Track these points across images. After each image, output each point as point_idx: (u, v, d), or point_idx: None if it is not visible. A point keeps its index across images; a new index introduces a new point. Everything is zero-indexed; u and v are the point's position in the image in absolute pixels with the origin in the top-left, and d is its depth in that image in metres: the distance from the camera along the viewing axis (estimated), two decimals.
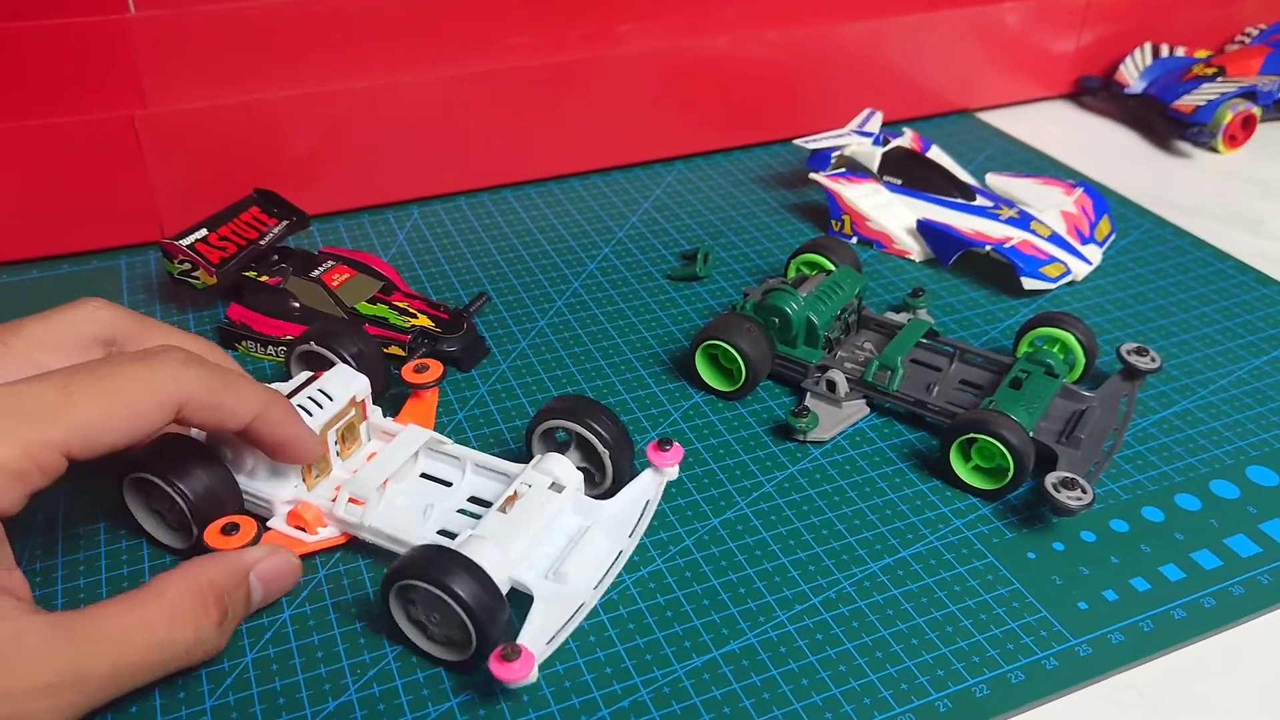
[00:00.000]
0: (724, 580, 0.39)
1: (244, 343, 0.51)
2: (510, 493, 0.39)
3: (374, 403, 0.43)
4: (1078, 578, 0.40)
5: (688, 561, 0.40)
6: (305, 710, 0.34)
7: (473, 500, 0.41)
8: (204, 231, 0.53)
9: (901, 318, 0.51)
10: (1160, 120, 0.74)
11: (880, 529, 0.42)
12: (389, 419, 0.43)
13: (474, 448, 0.43)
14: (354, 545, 0.40)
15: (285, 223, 0.55)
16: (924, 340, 0.50)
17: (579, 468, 0.41)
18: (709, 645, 0.37)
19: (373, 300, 0.51)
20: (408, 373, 0.45)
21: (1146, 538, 0.42)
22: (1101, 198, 0.61)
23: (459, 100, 0.63)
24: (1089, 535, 0.42)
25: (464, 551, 0.35)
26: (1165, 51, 0.78)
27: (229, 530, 0.37)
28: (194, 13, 0.57)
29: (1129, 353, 0.48)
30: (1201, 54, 0.78)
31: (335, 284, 0.51)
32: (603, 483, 0.42)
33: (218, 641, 0.33)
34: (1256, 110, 0.73)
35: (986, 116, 0.78)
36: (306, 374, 0.42)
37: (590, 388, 0.49)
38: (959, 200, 0.59)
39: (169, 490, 0.37)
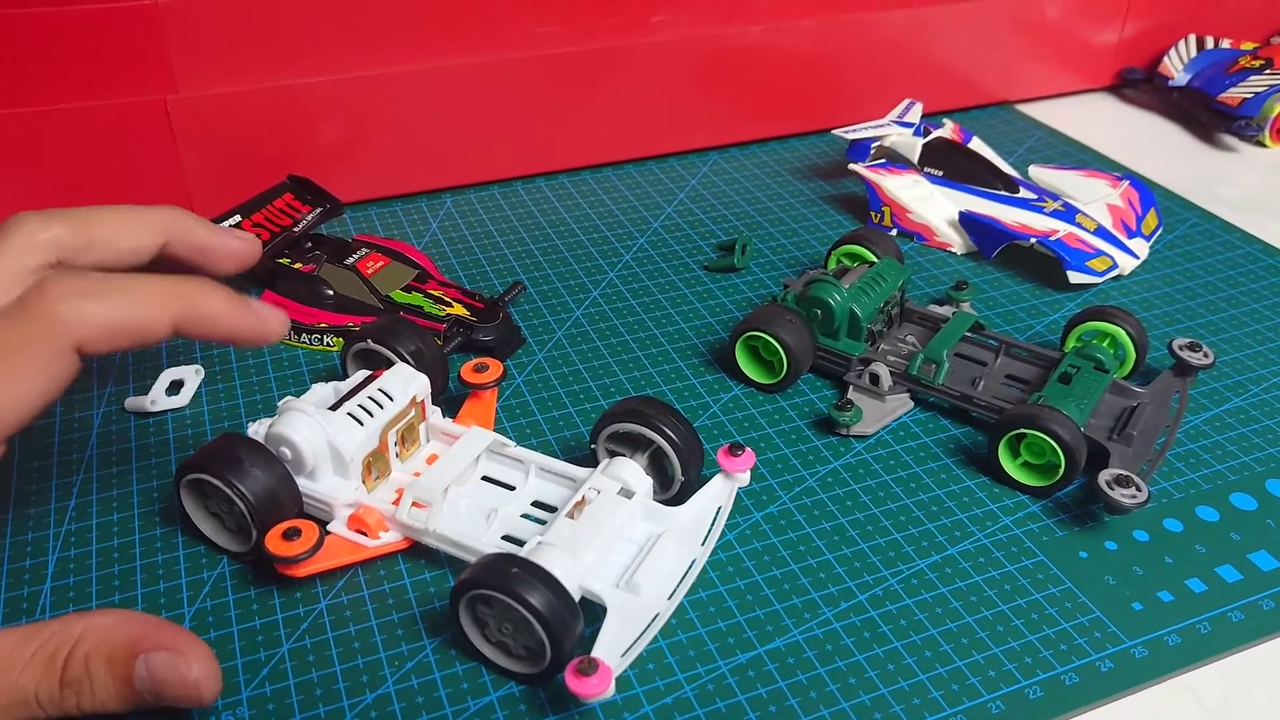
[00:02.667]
0: (767, 576, 0.38)
1: None
2: (578, 498, 0.38)
3: (432, 403, 0.42)
4: (1131, 578, 0.39)
5: (730, 556, 0.39)
6: (343, 702, 0.34)
7: (536, 505, 0.40)
8: (237, 218, 0.52)
9: (945, 310, 0.50)
10: (1206, 113, 0.73)
11: (927, 525, 0.41)
12: (448, 419, 0.43)
13: (512, 439, 0.43)
14: (411, 549, 0.39)
15: (319, 210, 0.54)
16: (969, 334, 0.49)
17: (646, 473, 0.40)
18: (753, 642, 0.36)
19: (407, 289, 0.51)
20: (466, 372, 0.44)
21: (1201, 538, 0.40)
22: (1149, 191, 0.60)
23: (492, 88, 0.62)
24: (1142, 535, 0.40)
25: (535, 559, 0.34)
26: (1210, 43, 0.77)
27: (290, 535, 0.36)
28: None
29: (1181, 348, 0.47)
30: (1248, 46, 0.77)
31: (370, 272, 0.51)
32: (672, 488, 0.40)
33: (59, 704, 0.30)
34: None
35: (1027, 109, 0.77)
36: (364, 373, 0.41)
37: (628, 379, 0.48)
38: (1002, 192, 0.58)
39: (229, 492, 0.36)
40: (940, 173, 0.60)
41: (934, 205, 0.59)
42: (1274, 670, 0.36)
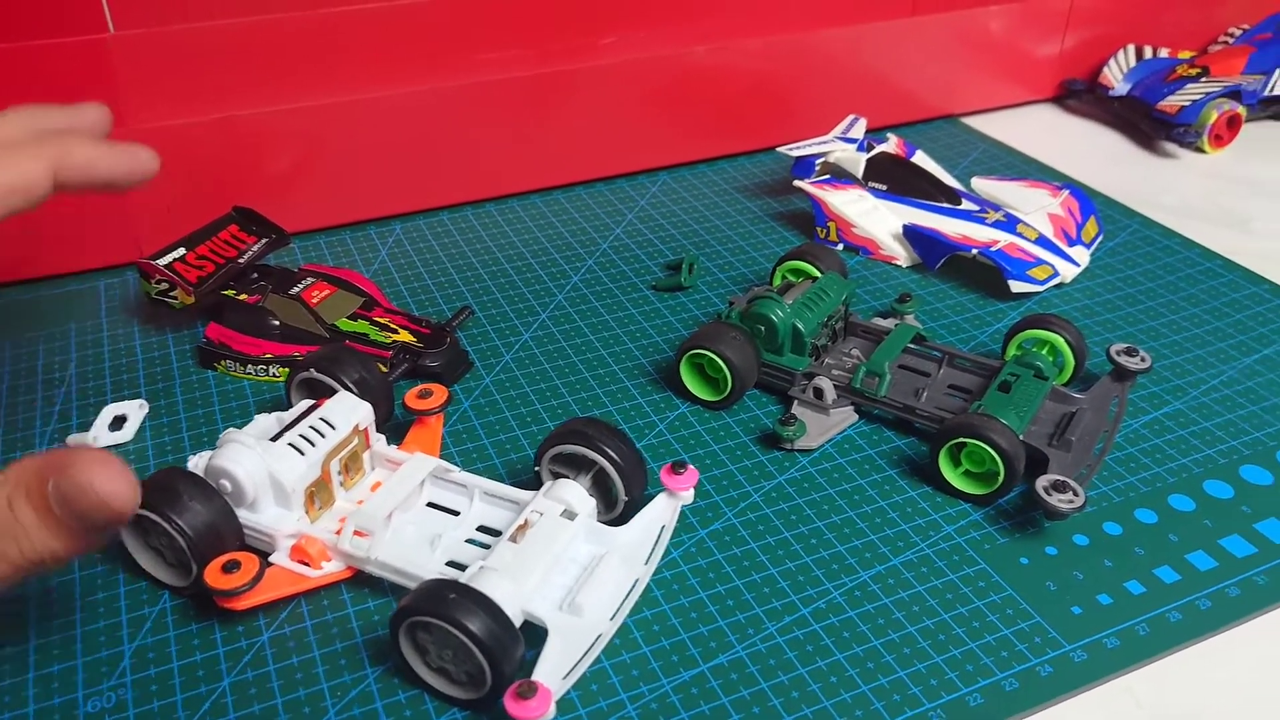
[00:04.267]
0: (711, 592, 0.39)
1: (223, 362, 0.50)
2: (521, 521, 0.38)
3: (378, 430, 0.42)
4: (1071, 582, 0.39)
5: (675, 574, 0.39)
6: None
7: (481, 529, 0.40)
8: (181, 251, 0.52)
9: (889, 323, 0.51)
10: (1145, 121, 0.74)
11: (870, 537, 0.41)
12: (393, 447, 0.43)
13: (459, 463, 0.43)
14: (356, 577, 0.38)
15: (265, 240, 0.54)
16: (912, 345, 0.49)
17: (589, 493, 0.40)
18: (697, 659, 0.36)
19: (353, 317, 0.51)
20: (411, 399, 0.44)
21: (1140, 540, 0.41)
22: (1088, 199, 0.61)
23: (440, 114, 0.63)
24: (1082, 539, 0.41)
25: (475, 585, 0.34)
26: (1149, 53, 0.78)
27: (230, 568, 0.36)
28: (172, 31, 0.56)
29: (1119, 353, 0.48)
30: (1185, 55, 0.78)
31: (315, 301, 0.51)
32: (616, 508, 0.41)
33: (6, 557, 0.30)
34: (1241, 109, 0.73)
35: (971, 121, 0.78)
36: (307, 402, 0.41)
37: (575, 400, 0.48)
38: (944, 205, 0.59)
39: (166, 526, 0.36)
40: (884, 187, 0.61)
41: (878, 219, 0.60)
42: (1210, 668, 0.36)
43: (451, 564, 0.38)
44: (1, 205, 0.34)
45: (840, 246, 0.61)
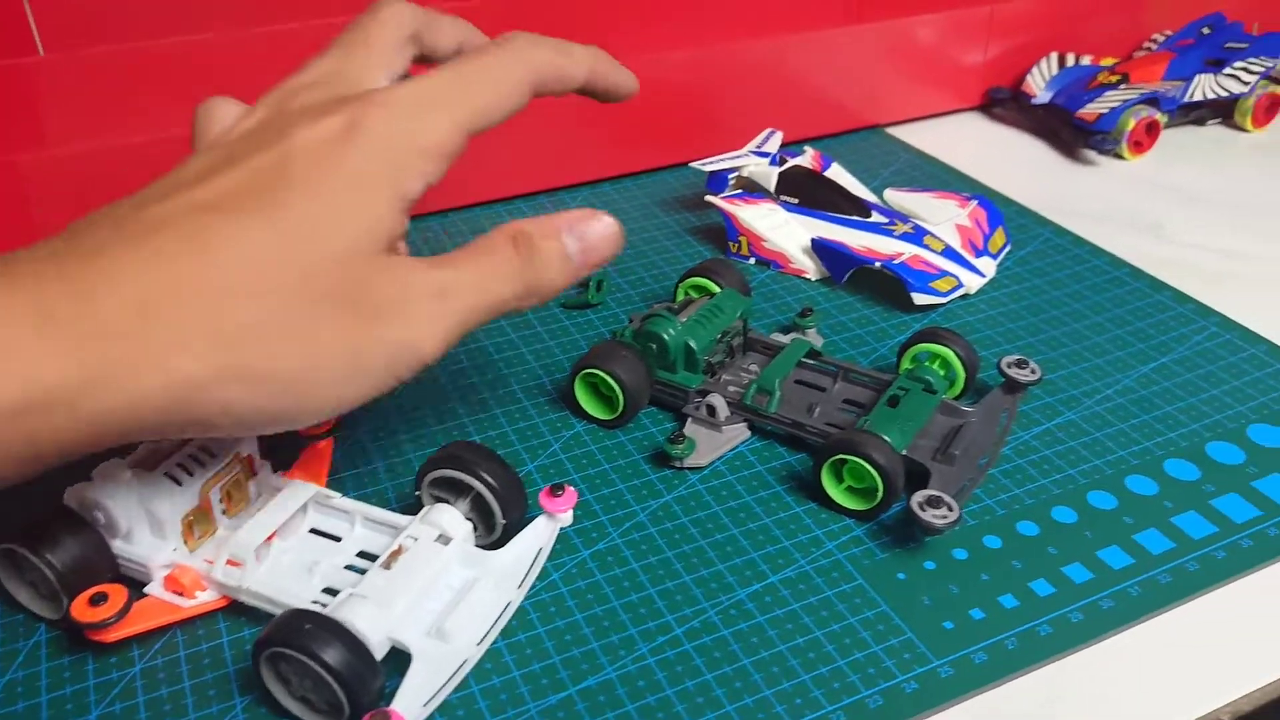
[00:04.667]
0: (588, 614, 0.39)
1: None
2: (395, 547, 0.38)
3: (263, 456, 0.42)
4: (947, 597, 0.39)
5: (553, 596, 0.39)
6: None
7: (362, 555, 0.40)
8: None
9: (788, 338, 0.51)
10: (1066, 129, 0.75)
11: (751, 554, 0.41)
12: (279, 474, 0.43)
13: (350, 489, 0.43)
14: (235, 605, 0.39)
15: None
16: (808, 360, 0.50)
17: (468, 517, 0.40)
18: (566, 682, 0.36)
19: None
20: None
21: (1019, 553, 0.41)
22: (996, 209, 0.61)
23: None
24: (961, 553, 0.41)
25: (339, 613, 0.34)
26: (1071, 60, 0.79)
27: (97, 600, 0.36)
28: (101, 53, 0.56)
29: (1009, 366, 0.48)
30: (1107, 62, 0.79)
31: None
32: (494, 532, 0.41)
33: (529, 275, 0.36)
34: (1160, 116, 0.73)
35: (897, 131, 0.78)
36: None
37: (471, 421, 0.48)
38: (854, 217, 0.59)
39: (35, 561, 0.36)
40: (796, 200, 0.61)
41: (788, 233, 0.60)
42: (1078, 682, 0.37)
43: (329, 591, 0.38)
44: (558, 82, 0.39)
45: (752, 260, 0.61)
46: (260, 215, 0.32)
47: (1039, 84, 0.77)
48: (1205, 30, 0.80)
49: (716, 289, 0.53)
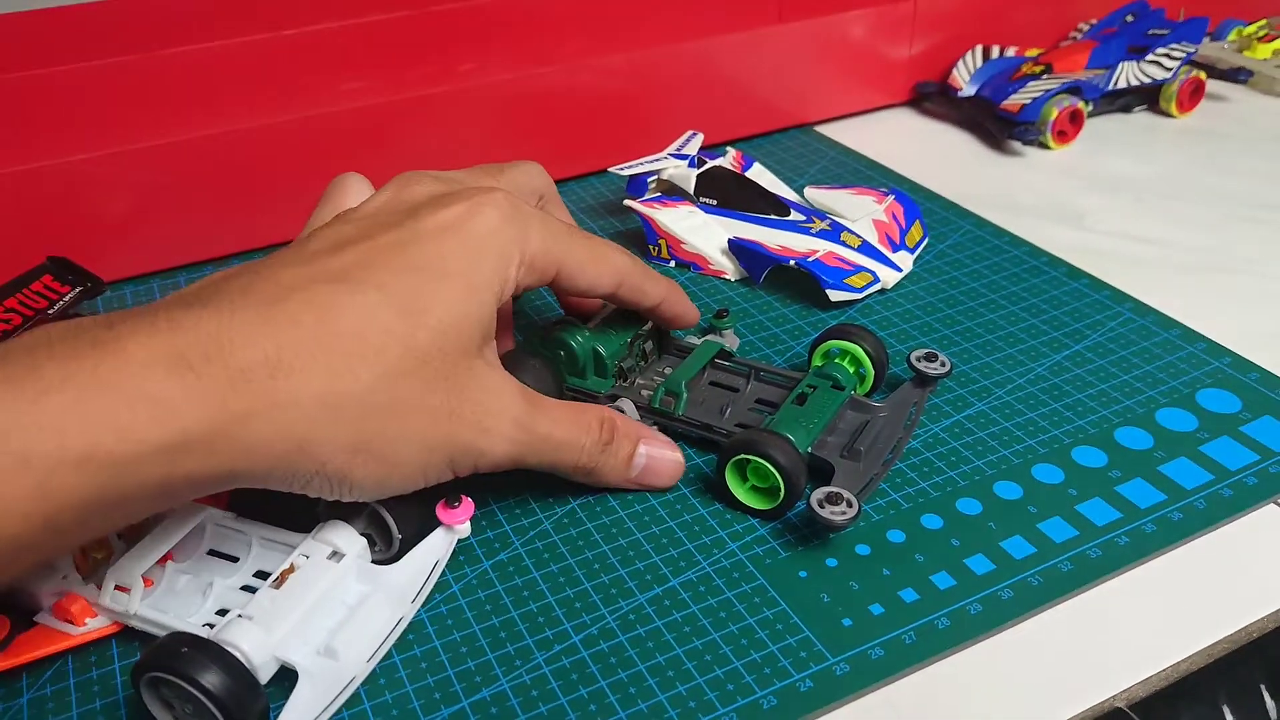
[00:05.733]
0: (485, 625, 0.38)
1: None
2: (286, 565, 0.38)
3: None
4: (847, 593, 0.39)
5: (451, 609, 0.39)
6: None
7: (259, 575, 0.40)
8: None
9: (701, 341, 0.51)
10: (992, 121, 0.75)
11: (654, 558, 0.41)
12: None
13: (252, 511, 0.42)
14: (130, 630, 0.38)
15: (78, 289, 0.54)
16: (721, 361, 0.49)
17: (364, 533, 0.40)
18: (459, 695, 0.36)
19: None
20: None
21: (922, 546, 0.41)
22: (913, 203, 0.61)
23: (293, 147, 0.62)
24: (863, 549, 0.41)
25: (221, 635, 0.34)
26: (996, 53, 0.79)
27: None
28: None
29: (918, 359, 0.48)
30: (1032, 53, 0.79)
31: None
32: (392, 547, 0.40)
33: (597, 460, 0.41)
34: (1083, 105, 0.74)
35: (826, 129, 0.78)
36: None
37: None
38: (771, 216, 0.59)
39: None
40: (715, 201, 0.61)
41: (707, 234, 0.60)
42: (974, 674, 0.37)
43: (222, 612, 0.38)
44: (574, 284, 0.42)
45: (671, 264, 0.61)
46: (375, 291, 0.35)
47: (964, 77, 0.77)
48: (1129, 18, 0.81)
49: None
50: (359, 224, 0.38)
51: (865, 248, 0.58)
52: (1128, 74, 0.76)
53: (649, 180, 0.63)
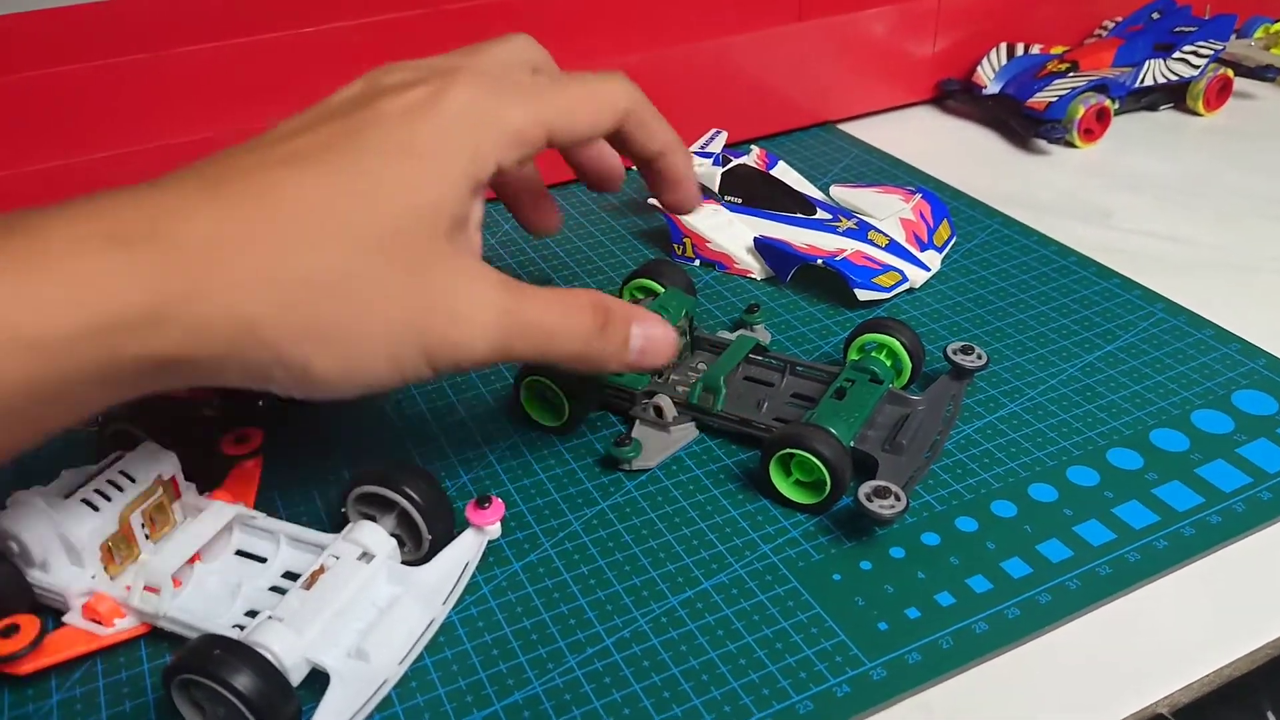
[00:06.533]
0: (517, 627, 0.38)
1: None
2: (317, 566, 0.37)
3: (188, 478, 0.41)
4: (881, 597, 0.39)
5: (482, 611, 0.39)
6: None
7: (288, 575, 0.39)
8: None
9: (735, 336, 0.51)
10: (1017, 119, 0.74)
11: (685, 560, 0.40)
12: (203, 496, 0.42)
13: (280, 508, 0.42)
14: (158, 631, 0.38)
15: None
16: (755, 356, 0.49)
17: (393, 534, 0.39)
18: (491, 698, 0.35)
19: None
20: (227, 444, 0.44)
21: (957, 549, 0.41)
22: (940, 202, 0.61)
23: None
24: (898, 551, 0.41)
25: (252, 637, 0.34)
26: (1021, 50, 0.78)
27: (8, 632, 0.35)
28: (12, 80, 0.56)
29: (955, 352, 0.48)
30: (1057, 50, 0.79)
31: None
32: (422, 548, 0.40)
33: (593, 348, 0.38)
34: (1110, 103, 0.73)
35: (849, 127, 0.78)
36: (116, 454, 0.41)
37: (409, 434, 0.48)
38: (797, 215, 0.59)
39: None
40: (740, 200, 0.61)
41: (732, 233, 0.59)
42: (1012, 678, 0.36)
43: (251, 613, 0.38)
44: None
45: (696, 262, 0.60)
46: (328, 172, 0.32)
47: (989, 74, 0.77)
48: (1155, 15, 0.80)
49: (661, 290, 0.52)
50: (319, 111, 0.36)
51: (893, 247, 0.57)
52: (1154, 71, 0.75)
53: None
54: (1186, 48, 0.76)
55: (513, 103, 0.36)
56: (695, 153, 0.63)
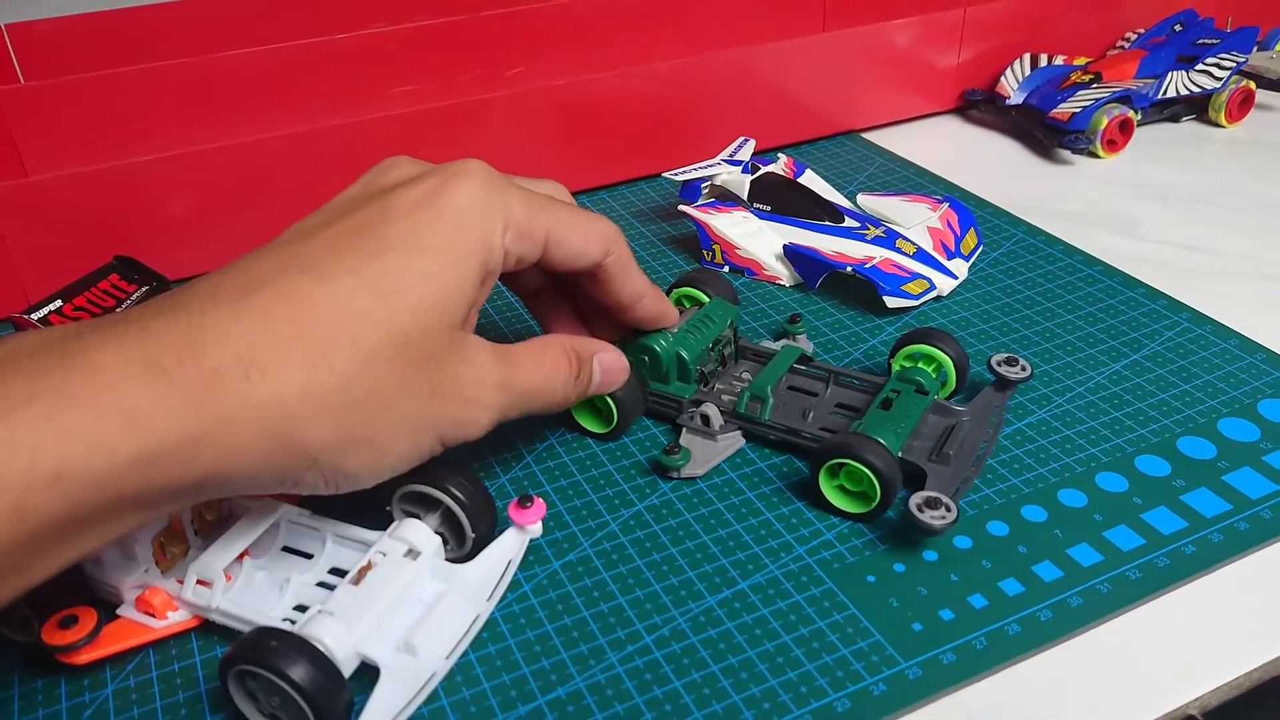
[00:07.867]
0: (558, 625, 0.39)
1: None
2: (364, 563, 0.38)
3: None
4: (915, 598, 0.39)
5: (524, 608, 0.40)
6: None
7: (334, 572, 0.40)
8: (59, 303, 0.52)
9: (779, 345, 0.51)
10: (1041, 129, 0.75)
11: (721, 561, 0.41)
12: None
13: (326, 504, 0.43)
14: (208, 624, 0.39)
15: (144, 289, 0.55)
16: (799, 366, 0.50)
17: (437, 531, 0.40)
18: (535, 693, 0.36)
19: None
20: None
21: (989, 553, 0.41)
22: (967, 211, 0.61)
23: (347, 151, 0.63)
24: (931, 555, 0.41)
25: (306, 630, 0.35)
26: (1044, 61, 0.79)
27: (67, 623, 0.36)
28: (73, 80, 0.57)
29: (999, 364, 0.48)
30: (1080, 61, 0.79)
31: None
32: (465, 546, 0.41)
33: (569, 394, 0.41)
34: (1133, 114, 0.74)
35: (873, 136, 0.79)
36: None
37: None
38: (825, 223, 0.60)
39: None
40: (768, 208, 0.61)
41: (761, 240, 0.60)
42: (1047, 679, 0.37)
43: (300, 608, 0.38)
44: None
45: (725, 269, 0.61)
46: (346, 273, 0.34)
47: (1012, 85, 0.78)
48: (1177, 27, 0.81)
49: (706, 299, 0.53)
50: (329, 211, 0.37)
51: (920, 255, 0.58)
52: (1177, 83, 0.76)
53: (702, 186, 0.64)
54: (1209, 60, 0.76)
55: (515, 197, 0.38)
56: (724, 160, 0.64)
